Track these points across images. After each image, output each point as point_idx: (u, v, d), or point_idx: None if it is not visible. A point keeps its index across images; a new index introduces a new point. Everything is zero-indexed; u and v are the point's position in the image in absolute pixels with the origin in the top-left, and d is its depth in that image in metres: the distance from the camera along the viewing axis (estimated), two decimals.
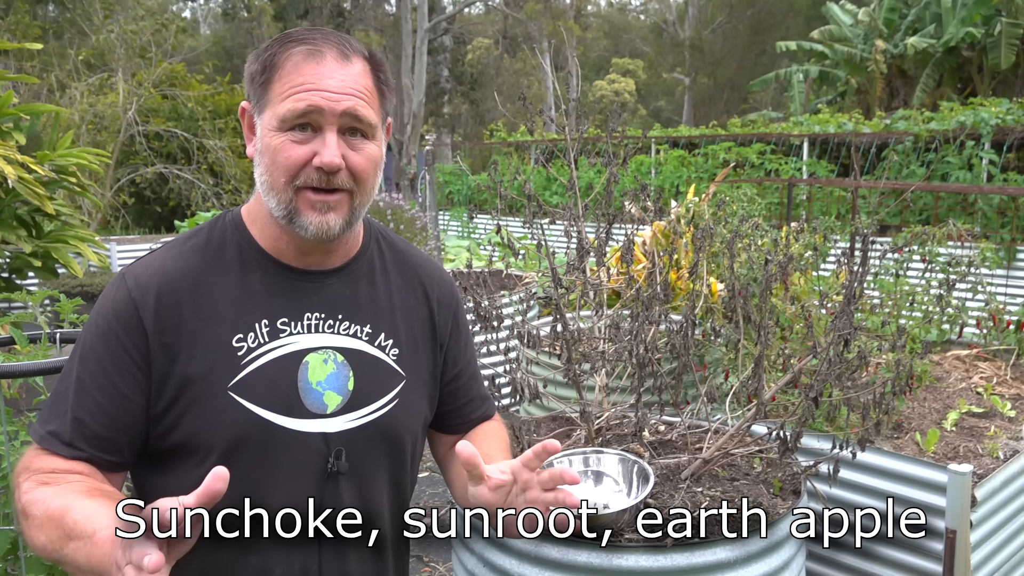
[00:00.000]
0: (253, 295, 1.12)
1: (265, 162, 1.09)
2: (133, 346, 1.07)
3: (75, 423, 1.06)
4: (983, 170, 8.47)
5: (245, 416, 1.09)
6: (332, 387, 1.14)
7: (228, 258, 1.13)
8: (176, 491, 1.00)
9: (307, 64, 1.06)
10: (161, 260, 1.12)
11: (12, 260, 4.72)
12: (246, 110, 1.13)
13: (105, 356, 1.07)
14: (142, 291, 1.08)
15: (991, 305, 4.02)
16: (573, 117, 2.75)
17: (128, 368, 1.07)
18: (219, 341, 1.09)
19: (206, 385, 1.08)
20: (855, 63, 16.16)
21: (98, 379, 1.07)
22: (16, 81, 7.20)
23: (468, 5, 25.45)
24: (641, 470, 2.08)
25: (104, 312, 1.09)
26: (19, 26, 15.63)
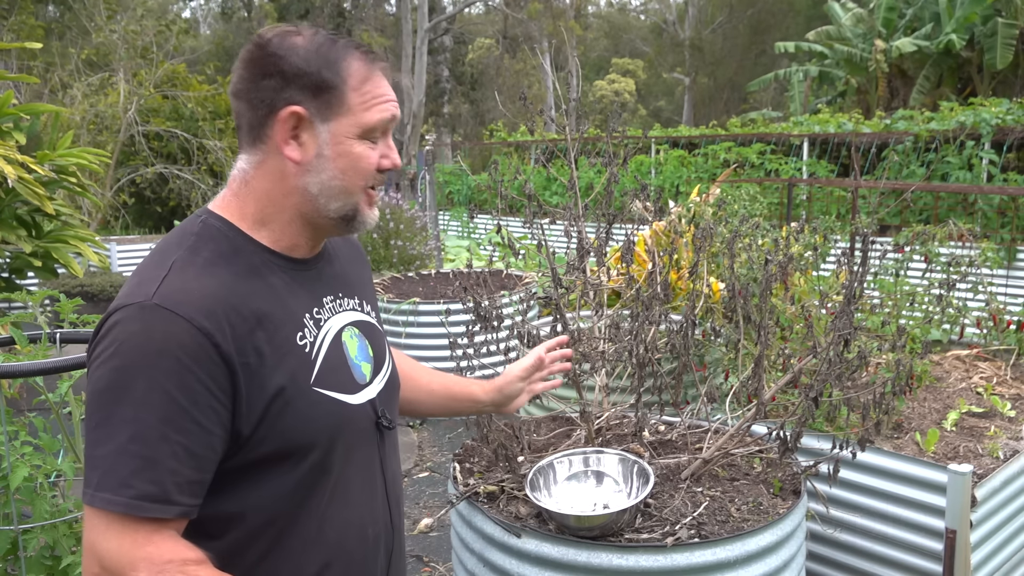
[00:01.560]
0: (285, 294, 1.15)
1: (339, 167, 1.13)
2: (211, 378, 1.01)
3: (169, 475, 0.98)
4: (983, 170, 8.47)
5: (334, 406, 1.15)
6: (363, 358, 1.24)
7: (248, 265, 1.13)
8: (275, 498, 1.10)
9: (376, 75, 1.15)
10: (197, 282, 1.05)
11: (12, 260, 4.72)
12: (300, 115, 1.10)
13: (181, 397, 0.99)
14: (209, 318, 1.02)
15: (991, 305, 4.02)
16: (573, 117, 2.75)
17: (209, 404, 1.01)
18: (288, 343, 1.11)
19: (293, 388, 1.09)
20: (855, 63, 16.15)
21: (177, 423, 0.99)
22: (16, 81, 7.20)
23: (468, 5, 25.44)
24: (641, 470, 2.08)
25: (160, 353, 0.99)
26: (23, 26, 15.63)
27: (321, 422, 1.13)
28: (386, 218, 7.20)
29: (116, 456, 0.97)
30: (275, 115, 1.10)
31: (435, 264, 8.55)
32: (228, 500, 1.08)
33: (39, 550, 2.13)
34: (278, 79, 1.09)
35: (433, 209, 10.55)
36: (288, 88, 1.09)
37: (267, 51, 1.10)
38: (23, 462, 2.09)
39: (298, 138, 1.11)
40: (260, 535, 1.11)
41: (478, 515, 2.16)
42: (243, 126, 1.14)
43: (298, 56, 1.10)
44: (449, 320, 4.93)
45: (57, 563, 2.12)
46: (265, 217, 1.15)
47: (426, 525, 3.75)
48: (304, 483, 1.12)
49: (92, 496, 0.97)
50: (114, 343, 1.01)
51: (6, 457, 2.06)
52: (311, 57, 1.10)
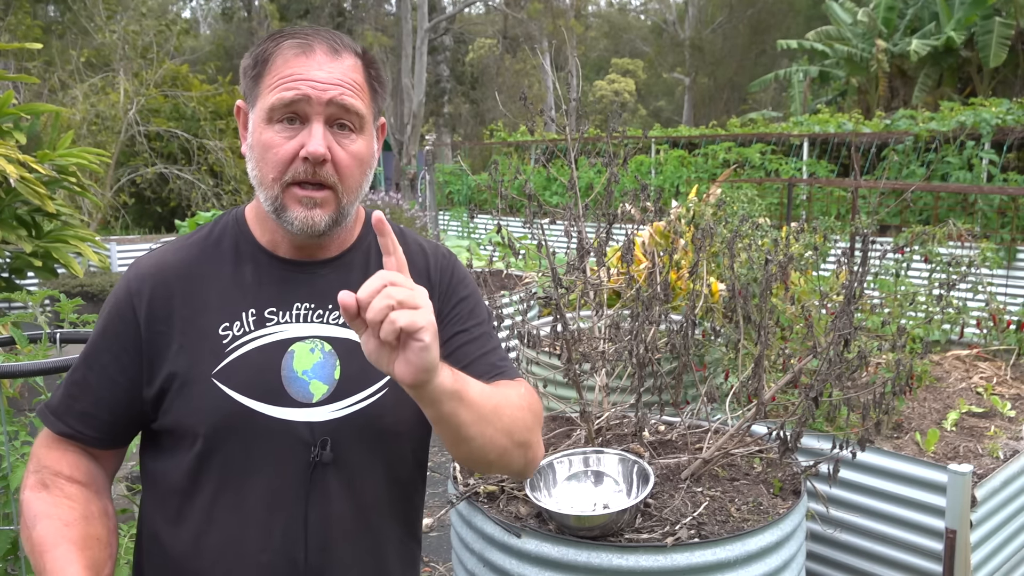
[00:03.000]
0: (243, 286, 1.14)
1: (256, 157, 1.10)
2: (125, 332, 1.13)
3: (67, 399, 1.16)
4: (983, 170, 8.47)
5: (227, 403, 1.10)
6: (318, 376, 1.13)
7: (224, 251, 1.17)
8: (171, 473, 1.15)
9: (296, 57, 1.07)
10: (162, 254, 1.18)
11: (12, 260, 4.72)
12: (241, 108, 1.15)
13: (101, 340, 1.15)
14: (139, 282, 1.14)
15: (991, 305, 4.02)
16: (573, 117, 2.75)
17: (119, 352, 1.13)
18: (206, 330, 1.12)
19: (193, 372, 1.11)
20: (855, 63, 16.15)
21: (91, 360, 1.15)
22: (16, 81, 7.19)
23: (468, 5, 25.43)
24: (641, 470, 2.08)
25: (109, 301, 1.16)
26: (20, 26, 15.62)
27: (209, 415, 1.10)
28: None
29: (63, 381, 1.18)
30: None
31: None
32: (146, 459, 1.20)
33: None
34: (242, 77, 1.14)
35: (433, 209, 10.55)
36: (244, 83, 1.13)
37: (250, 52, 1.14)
38: (23, 462, 2.09)
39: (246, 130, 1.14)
40: (161, 505, 1.17)
41: (478, 515, 2.16)
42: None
43: (250, 52, 1.12)
44: None
45: None
46: (256, 210, 1.19)
47: (426, 525, 3.75)
48: (191, 470, 1.13)
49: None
50: None
51: (6, 457, 2.06)
52: (253, 49, 1.11)
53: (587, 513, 2.02)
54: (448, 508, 2.31)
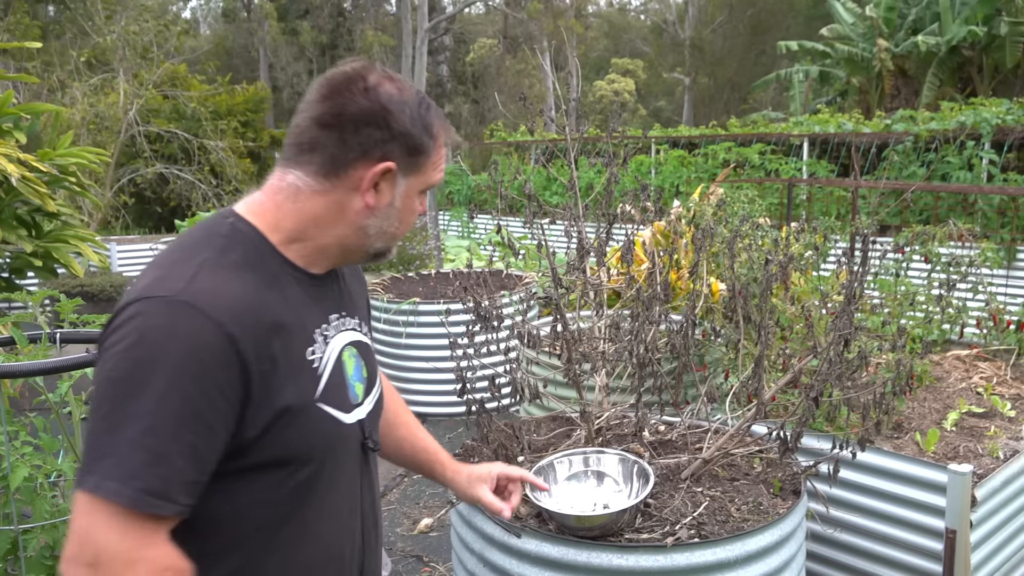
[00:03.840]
0: (300, 307, 1.15)
1: (401, 217, 1.21)
2: (229, 384, 1.02)
3: (175, 473, 0.99)
4: (983, 170, 8.47)
5: (331, 422, 1.17)
6: (358, 378, 1.25)
7: (271, 275, 1.13)
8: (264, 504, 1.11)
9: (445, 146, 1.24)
10: (224, 283, 1.06)
11: (12, 260, 4.72)
12: (392, 170, 1.15)
13: (199, 399, 0.99)
14: (236, 323, 1.03)
15: (991, 305, 4.02)
16: (573, 117, 2.75)
17: (222, 408, 1.02)
18: (300, 357, 1.13)
19: (300, 402, 1.11)
20: (856, 62, 16.16)
21: (191, 424, 0.99)
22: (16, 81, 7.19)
23: (468, 5, 25.43)
24: (641, 470, 2.08)
25: (184, 354, 0.99)
26: (19, 26, 15.62)
27: (318, 438, 1.15)
28: None
29: (128, 447, 0.96)
30: (367, 160, 1.14)
31: (435, 264, 8.54)
32: (220, 500, 1.07)
33: (39, 550, 2.13)
34: (385, 132, 1.13)
35: (433, 209, 10.54)
36: (391, 143, 1.14)
37: (375, 100, 1.13)
38: (23, 462, 2.09)
39: (378, 186, 1.16)
40: (246, 540, 1.12)
41: (478, 515, 2.16)
42: (319, 153, 1.13)
43: (405, 116, 1.15)
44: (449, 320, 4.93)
45: (57, 563, 2.12)
46: (303, 236, 1.16)
47: (426, 525, 3.75)
48: (294, 494, 1.13)
49: (98, 484, 0.96)
50: (135, 333, 1.00)
51: (6, 457, 2.06)
52: (415, 119, 1.16)
53: (587, 513, 2.02)
54: (448, 508, 2.31)
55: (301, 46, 27.88)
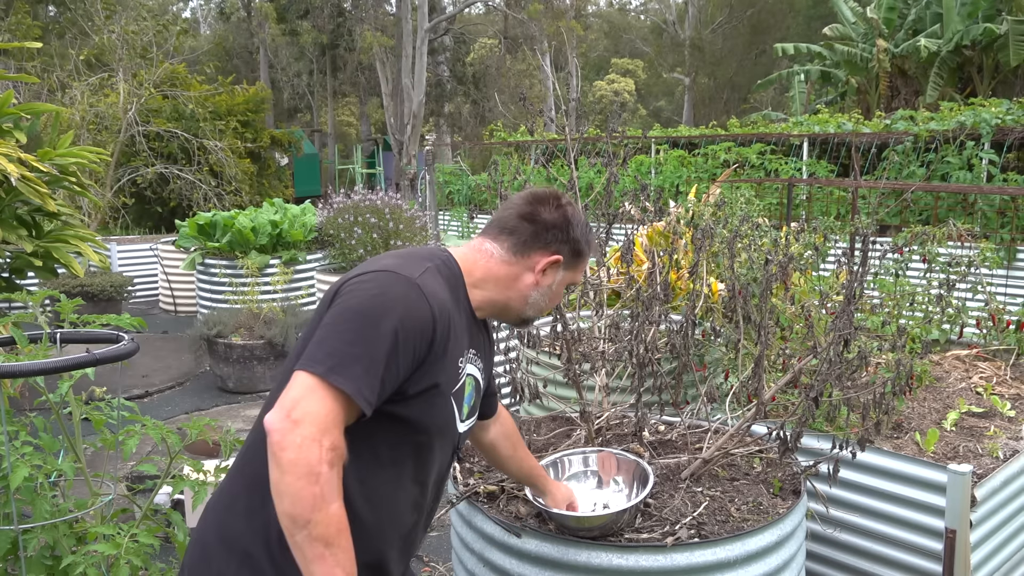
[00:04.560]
0: (462, 331, 1.55)
1: (551, 296, 1.67)
2: (422, 346, 1.40)
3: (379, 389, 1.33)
4: (983, 170, 8.47)
5: (451, 415, 1.54)
6: (468, 402, 1.61)
7: (458, 299, 1.55)
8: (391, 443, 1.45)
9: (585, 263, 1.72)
10: (439, 286, 1.48)
11: (12, 260, 4.72)
12: (560, 262, 1.63)
13: (403, 346, 1.36)
14: (438, 311, 1.43)
15: (991, 305, 4.02)
16: (573, 117, 2.75)
17: (410, 362, 1.39)
18: (454, 359, 1.51)
19: (444, 386, 1.48)
20: (855, 63, 16.16)
21: (390, 359, 1.35)
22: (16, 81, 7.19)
23: (468, 5, 25.42)
24: (641, 470, 2.08)
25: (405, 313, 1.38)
26: (19, 26, 15.62)
27: (441, 419, 1.51)
28: (386, 218, 7.21)
29: (353, 358, 1.31)
30: (545, 251, 1.62)
31: None
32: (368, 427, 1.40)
33: (39, 550, 2.13)
34: (563, 235, 1.62)
35: (433, 209, 10.55)
36: (564, 245, 1.63)
37: (563, 214, 1.62)
38: (23, 462, 2.09)
39: (546, 272, 1.63)
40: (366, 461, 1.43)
41: (478, 515, 2.16)
42: (516, 237, 1.60)
43: (577, 230, 1.64)
44: None
45: (57, 563, 2.12)
46: (482, 285, 1.61)
47: None
48: (407, 450, 1.48)
49: (327, 372, 1.29)
50: (383, 287, 1.40)
51: (6, 457, 2.06)
52: (583, 234, 1.65)
53: (587, 513, 2.02)
54: (448, 508, 2.31)
55: (301, 46, 27.87)
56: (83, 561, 2.00)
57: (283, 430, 1.23)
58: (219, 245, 7.70)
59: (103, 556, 2.03)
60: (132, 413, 2.39)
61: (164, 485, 2.34)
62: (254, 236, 7.56)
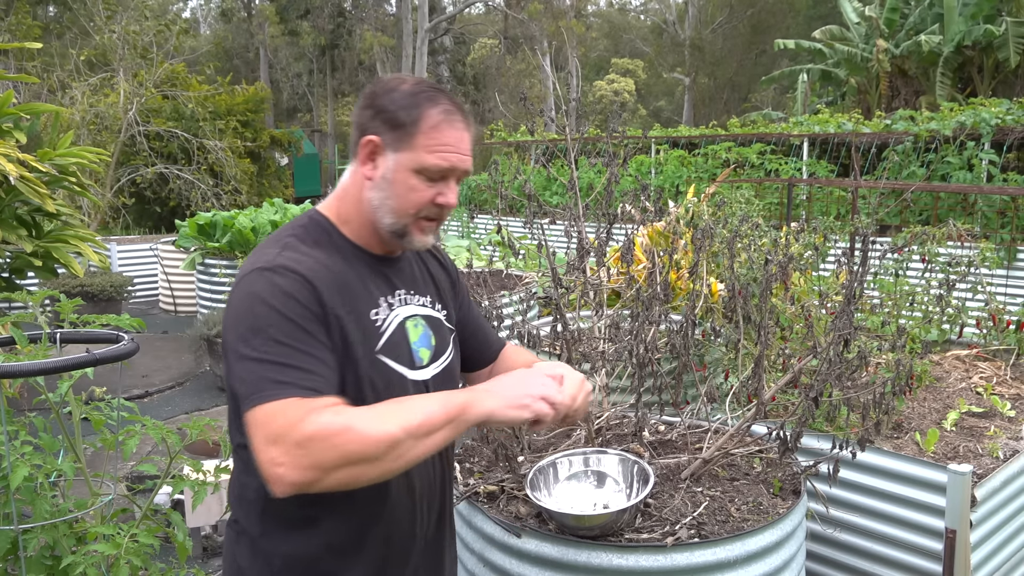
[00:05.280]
0: (367, 279, 1.43)
1: (395, 192, 1.39)
2: (316, 315, 1.30)
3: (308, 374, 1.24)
4: (983, 170, 8.47)
5: (391, 372, 1.41)
6: (423, 345, 1.49)
7: (337, 251, 1.42)
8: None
9: (451, 129, 1.38)
10: (303, 255, 1.35)
11: (12, 260, 4.72)
12: (375, 143, 1.38)
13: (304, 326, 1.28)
14: (312, 276, 1.32)
15: (991, 305, 4.02)
16: (573, 117, 2.75)
17: (321, 331, 1.30)
18: (362, 315, 1.39)
19: (363, 349, 1.37)
20: (855, 63, 16.16)
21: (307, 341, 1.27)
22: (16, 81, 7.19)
23: (468, 5, 25.43)
24: (641, 470, 2.08)
25: (282, 295, 1.28)
26: (20, 26, 15.62)
27: (384, 383, 1.39)
28: None
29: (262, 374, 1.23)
30: (362, 138, 1.40)
31: None
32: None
33: (39, 550, 2.13)
34: (371, 111, 1.39)
35: None
36: (376, 120, 1.38)
37: (373, 89, 1.41)
38: (23, 462, 2.09)
39: (374, 160, 1.40)
40: None
41: (478, 515, 2.16)
42: (352, 143, 1.43)
43: (389, 98, 1.38)
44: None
45: (57, 563, 2.12)
46: (348, 216, 1.45)
47: None
48: None
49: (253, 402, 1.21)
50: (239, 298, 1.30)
51: (6, 457, 2.06)
52: (399, 100, 1.37)
53: (587, 513, 2.02)
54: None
55: (301, 46, 27.88)
56: (83, 561, 2.00)
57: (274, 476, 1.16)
58: (219, 245, 7.71)
59: (103, 556, 2.03)
60: (132, 413, 2.39)
61: (164, 485, 2.34)
62: (254, 236, 7.57)
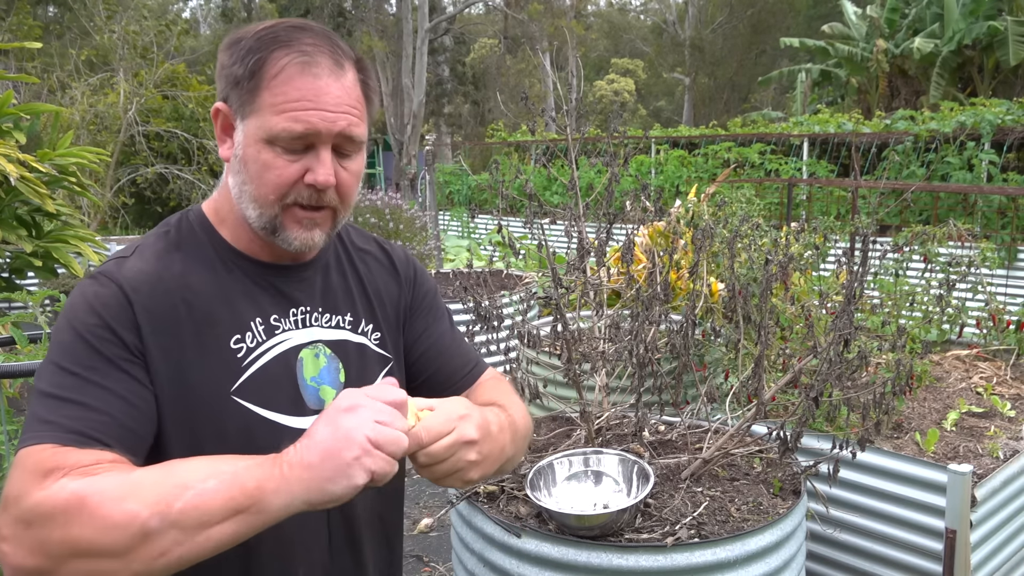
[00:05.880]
0: (240, 294, 1.08)
1: (250, 173, 1.04)
2: (126, 340, 0.99)
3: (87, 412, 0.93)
4: (983, 170, 8.47)
5: (254, 420, 1.05)
6: (326, 381, 1.12)
7: (207, 258, 1.09)
8: None
9: (302, 78, 1.00)
10: (142, 262, 1.05)
11: (12, 260, 4.72)
12: (221, 111, 1.06)
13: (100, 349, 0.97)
14: (132, 288, 1.01)
15: (991, 305, 4.02)
16: (573, 117, 2.75)
17: (128, 358, 0.98)
18: (216, 343, 1.04)
19: (207, 390, 1.03)
20: (856, 62, 16.16)
21: (100, 369, 0.96)
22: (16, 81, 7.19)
23: (469, 5, 25.43)
24: (641, 470, 2.08)
25: (86, 308, 0.99)
26: (21, 27, 15.62)
27: (232, 433, 1.03)
28: (386, 218, 7.21)
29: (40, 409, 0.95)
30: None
31: (435, 264, 8.55)
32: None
33: None
34: (218, 70, 1.06)
35: (433, 209, 10.55)
36: (220, 81, 1.05)
37: (224, 40, 1.07)
38: None
39: (229, 135, 1.07)
40: None
41: (478, 515, 2.16)
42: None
43: (232, 49, 1.04)
44: None
45: None
46: (223, 214, 1.12)
47: (426, 525, 3.75)
48: None
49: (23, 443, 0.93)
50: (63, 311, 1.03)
51: (6, 457, 2.06)
52: (243, 54, 1.02)
53: (587, 513, 2.02)
54: (448, 508, 2.31)
55: None
56: None
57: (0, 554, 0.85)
58: None
59: None
60: None
61: None
62: None
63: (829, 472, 2.23)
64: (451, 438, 0.96)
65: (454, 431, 0.97)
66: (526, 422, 1.26)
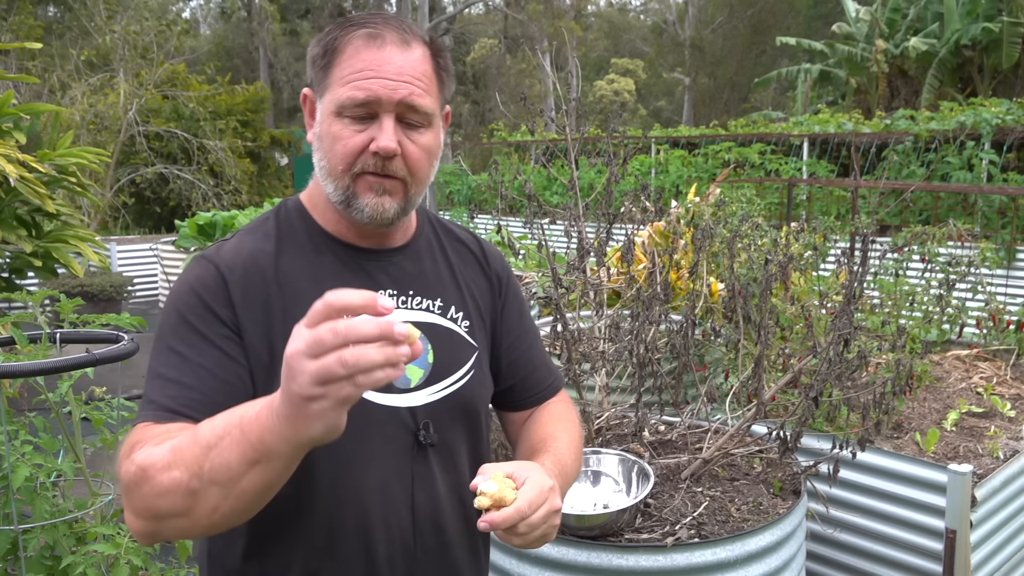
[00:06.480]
0: (330, 275, 1.14)
1: (324, 147, 1.11)
2: (222, 316, 1.07)
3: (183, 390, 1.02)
4: (983, 170, 8.47)
5: None
6: (414, 361, 1.12)
7: (300, 241, 1.16)
8: None
9: (367, 50, 1.07)
10: (239, 244, 1.14)
11: (12, 260, 4.72)
12: (307, 96, 1.15)
13: (198, 327, 1.06)
14: (228, 267, 1.10)
15: (991, 305, 4.02)
16: (573, 117, 2.75)
17: (225, 334, 1.06)
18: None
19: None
20: (855, 62, 16.16)
21: (198, 347, 1.05)
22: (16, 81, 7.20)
23: (469, 5, 25.43)
24: (641, 470, 2.08)
25: (187, 290, 1.09)
26: (22, 26, 15.63)
27: None
28: None
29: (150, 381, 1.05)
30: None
31: None
32: None
33: (39, 550, 2.13)
34: (310, 62, 1.14)
35: (433, 209, 10.55)
36: (309, 70, 1.14)
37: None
38: (23, 462, 2.09)
39: (314, 118, 1.14)
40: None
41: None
42: None
43: (317, 37, 1.13)
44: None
45: (57, 563, 2.12)
46: (315, 199, 1.19)
47: None
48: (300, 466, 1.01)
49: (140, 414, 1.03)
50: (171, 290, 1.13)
51: (6, 457, 2.06)
52: (322, 37, 1.11)
53: (587, 513, 2.02)
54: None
55: (301, 46, 27.85)
56: (83, 561, 2.00)
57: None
58: None
59: (103, 556, 2.03)
60: (132, 413, 2.39)
61: None
62: None
63: (829, 472, 2.23)
64: (545, 508, 1.02)
65: (547, 502, 1.02)
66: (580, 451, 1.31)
